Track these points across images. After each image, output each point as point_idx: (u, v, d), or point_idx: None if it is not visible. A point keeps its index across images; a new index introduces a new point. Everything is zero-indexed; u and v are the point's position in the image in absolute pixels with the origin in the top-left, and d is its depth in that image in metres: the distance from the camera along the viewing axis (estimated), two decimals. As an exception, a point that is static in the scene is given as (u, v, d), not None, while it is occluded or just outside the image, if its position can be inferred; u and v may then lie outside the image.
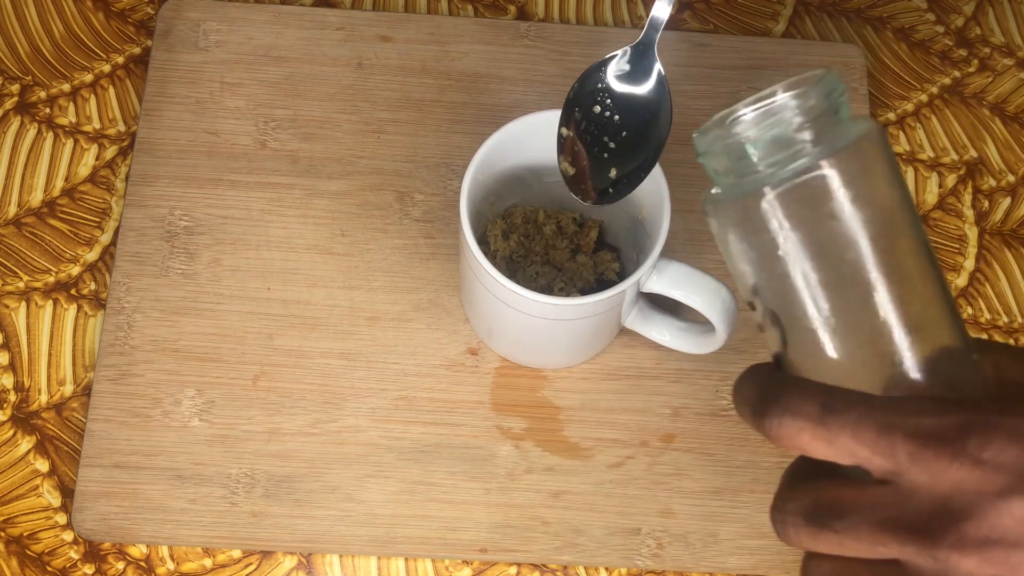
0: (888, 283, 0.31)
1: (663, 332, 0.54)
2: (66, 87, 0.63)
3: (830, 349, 0.32)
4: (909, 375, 0.31)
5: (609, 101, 0.47)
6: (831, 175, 0.31)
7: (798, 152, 0.31)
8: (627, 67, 0.47)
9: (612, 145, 0.47)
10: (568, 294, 0.55)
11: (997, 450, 0.28)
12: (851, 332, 0.31)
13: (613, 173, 0.47)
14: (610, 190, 0.47)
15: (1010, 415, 0.29)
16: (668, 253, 0.48)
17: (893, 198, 0.32)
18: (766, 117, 0.31)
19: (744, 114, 0.32)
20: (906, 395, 0.30)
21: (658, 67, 0.47)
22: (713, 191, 0.34)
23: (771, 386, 0.31)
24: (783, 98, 0.31)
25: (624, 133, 0.47)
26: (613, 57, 0.47)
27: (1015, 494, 0.28)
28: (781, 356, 0.33)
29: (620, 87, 0.47)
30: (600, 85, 0.47)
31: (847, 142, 0.31)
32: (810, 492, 0.31)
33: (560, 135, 0.48)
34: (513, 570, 0.55)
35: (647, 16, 0.47)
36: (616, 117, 0.47)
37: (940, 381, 0.31)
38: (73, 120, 0.62)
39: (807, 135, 0.31)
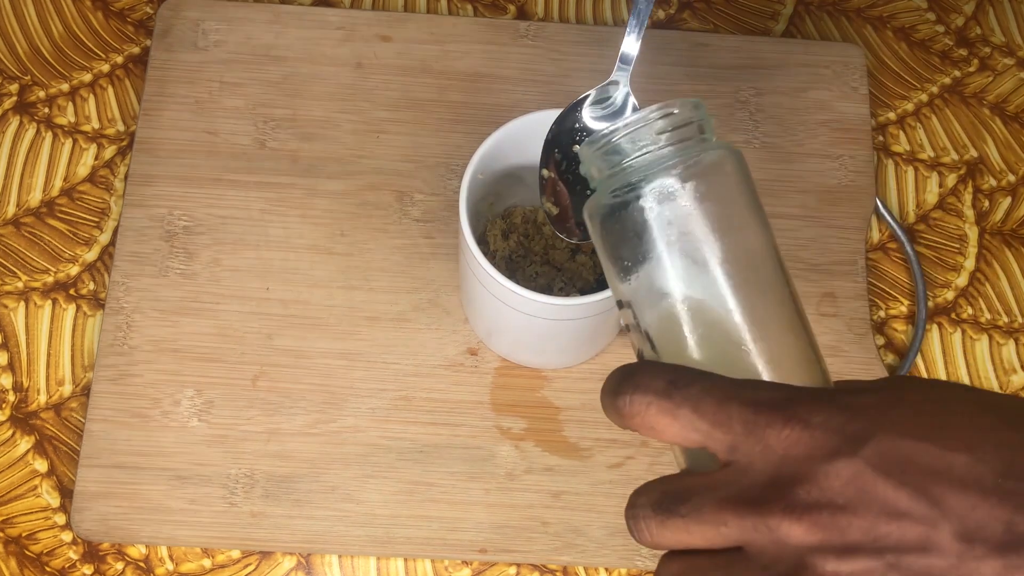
0: (729, 283, 0.34)
1: (663, 332, 0.54)
2: (65, 87, 0.63)
3: (683, 345, 0.34)
4: (752, 367, 0.33)
5: None
6: (684, 182, 0.34)
7: (660, 159, 0.35)
8: (601, 104, 0.48)
9: None
10: (568, 294, 0.55)
11: (826, 416, 0.29)
12: (696, 328, 0.34)
13: None
14: None
15: (838, 392, 0.30)
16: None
17: (741, 209, 0.35)
18: (637, 127, 0.35)
19: (620, 126, 0.35)
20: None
21: (632, 101, 0.48)
22: (585, 211, 0.37)
23: (627, 370, 0.32)
24: (653, 111, 0.35)
25: None
26: (587, 96, 0.48)
27: (842, 456, 0.28)
28: (645, 354, 0.35)
29: (597, 124, 0.48)
30: (577, 124, 0.48)
31: (706, 156, 0.35)
32: (659, 486, 0.31)
33: (541, 176, 0.48)
34: (513, 570, 0.54)
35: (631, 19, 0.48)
36: None
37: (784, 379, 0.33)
38: (72, 120, 0.62)
39: (670, 146, 0.35)
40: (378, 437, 0.55)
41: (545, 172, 0.48)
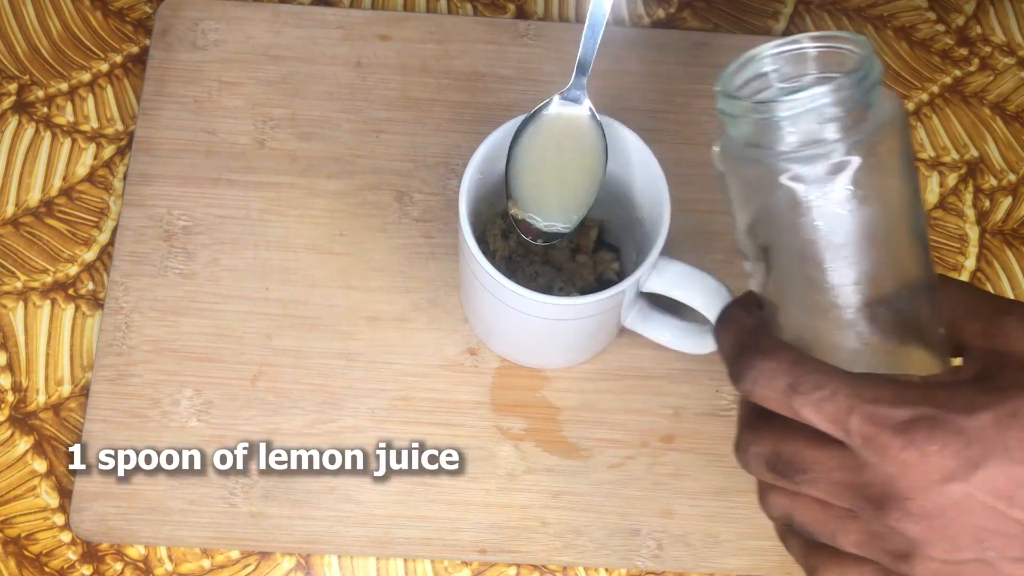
0: (869, 266, 0.34)
1: (663, 332, 0.54)
2: (64, 86, 0.62)
3: (806, 294, 0.35)
4: (869, 328, 0.35)
5: None
6: (845, 171, 0.33)
7: (820, 142, 0.33)
8: (560, 110, 0.49)
9: None
10: (568, 294, 0.55)
11: (942, 444, 0.31)
12: (821, 289, 0.34)
13: None
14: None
15: (956, 413, 0.32)
16: (668, 253, 0.48)
17: (899, 191, 0.34)
18: (798, 102, 0.33)
19: (775, 95, 0.34)
20: (867, 373, 0.33)
21: (588, 106, 0.49)
22: (717, 148, 0.36)
23: (747, 345, 0.35)
24: (817, 89, 0.32)
25: None
26: (546, 104, 0.49)
27: (955, 481, 0.31)
28: (762, 291, 0.36)
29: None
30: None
31: (869, 135, 0.33)
32: (770, 439, 0.34)
33: (507, 178, 0.49)
34: (512, 571, 0.54)
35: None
36: None
37: (900, 328, 0.35)
38: (71, 119, 0.62)
39: (833, 128, 0.33)
40: (377, 437, 0.55)
41: None
